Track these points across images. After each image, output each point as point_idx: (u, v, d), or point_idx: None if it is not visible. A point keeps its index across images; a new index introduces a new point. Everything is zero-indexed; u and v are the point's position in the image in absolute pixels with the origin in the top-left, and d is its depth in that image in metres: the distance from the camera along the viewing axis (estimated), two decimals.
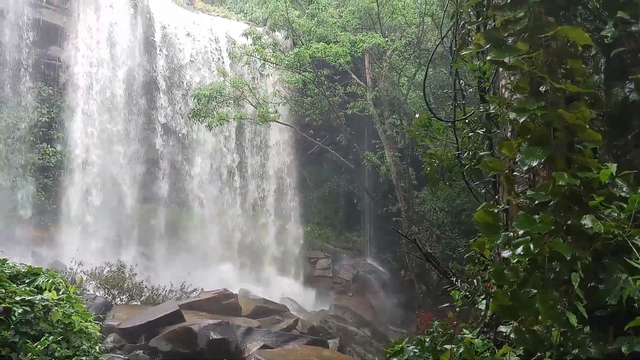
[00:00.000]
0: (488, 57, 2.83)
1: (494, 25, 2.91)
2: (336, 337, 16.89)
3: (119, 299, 16.75)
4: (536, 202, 2.55)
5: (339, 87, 23.28)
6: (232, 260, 23.00)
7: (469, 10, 6.14)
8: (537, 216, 2.50)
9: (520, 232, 2.48)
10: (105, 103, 21.51)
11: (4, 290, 5.63)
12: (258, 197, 24.89)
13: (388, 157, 22.52)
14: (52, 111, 20.68)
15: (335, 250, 25.07)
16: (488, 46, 2.82)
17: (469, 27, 5.69)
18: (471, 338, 2.99)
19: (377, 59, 23.52)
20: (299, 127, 24.49)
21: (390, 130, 22.76)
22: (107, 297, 16.01)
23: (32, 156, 20.01)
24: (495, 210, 2.74)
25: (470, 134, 6.22)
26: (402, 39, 22.82)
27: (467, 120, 6.45)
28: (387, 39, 22.05)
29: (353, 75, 23.79)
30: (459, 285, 4.36)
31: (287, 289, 22.35)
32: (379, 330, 19.53)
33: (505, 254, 2.49)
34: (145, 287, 17.50)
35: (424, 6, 21.09)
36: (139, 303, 16.96)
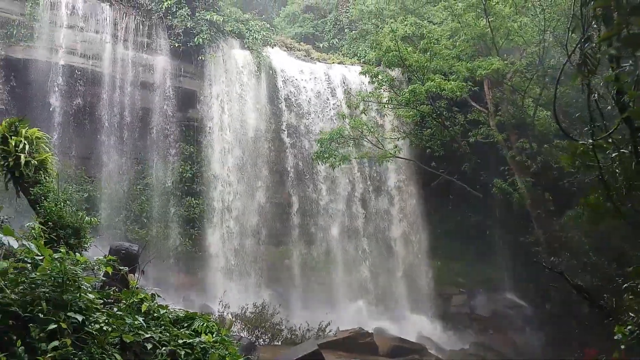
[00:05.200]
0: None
1: None
2: None
3: (261, 339, 17.55)
4: None
5: (459, 116, 22.74)
6: (364, 298, 23.05)
7: (593, 23, 5.80)
8: None
9: None
10: (238, 155, 23.37)
11: (168, 334, 6.28)
12: (384, 234, 24.87)
13: (519, 183, 21.26)
14: (194, 167, 22.90)
15: (469, 285, 23.97)
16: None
17: (598, 42, 5.37)
18: None
19: (497, 83, 22.72)
20: (421, 160, 24.19)
21: (520, 154, 21.59)
22: (250, 338, 16.87)
23: (179, 209, 22.20)
24: None
25: (615, 153, 5.74)
26: (522, 59, 21.84)
27: (609, 139, 5.97)
28: (505, 61, 21.27)
29: (473, 103, 23.17)
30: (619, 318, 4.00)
31: (422, 327, 21.73)
32: None
33: None
34: (285, 327, 18.17)
35: (543, 23, 20.11)
36: (280, 343, 17.61)
